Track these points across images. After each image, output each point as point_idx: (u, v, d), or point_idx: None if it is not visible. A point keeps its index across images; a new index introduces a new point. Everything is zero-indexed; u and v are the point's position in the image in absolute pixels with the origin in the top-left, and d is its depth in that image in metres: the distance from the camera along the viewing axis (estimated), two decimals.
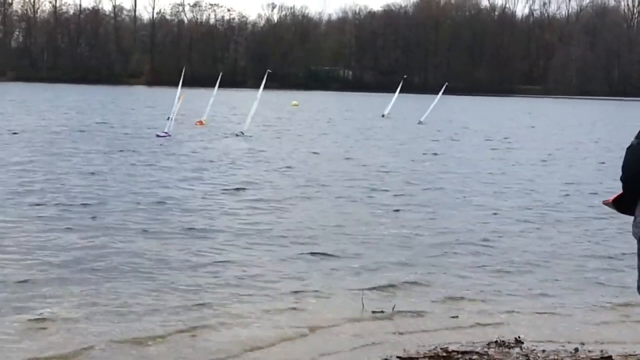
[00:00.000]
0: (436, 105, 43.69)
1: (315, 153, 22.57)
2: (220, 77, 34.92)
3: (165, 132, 26.71)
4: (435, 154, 23.93)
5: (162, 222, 11.06)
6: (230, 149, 23.02)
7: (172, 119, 27.94)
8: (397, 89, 49.01)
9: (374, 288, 7.98)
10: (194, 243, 9.80)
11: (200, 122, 32.30)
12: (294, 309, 7.24)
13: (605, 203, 4.49)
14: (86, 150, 21.26)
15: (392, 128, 36.46)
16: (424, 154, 23.77)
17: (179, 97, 29.26)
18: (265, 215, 11.91)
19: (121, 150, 21.28)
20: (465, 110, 60.06)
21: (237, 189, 14.76)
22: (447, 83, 47.39)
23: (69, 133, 26.78)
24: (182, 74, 31.92)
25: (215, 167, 18.30)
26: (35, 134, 25.52)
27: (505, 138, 31.77)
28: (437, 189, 15.78)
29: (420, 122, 40.32)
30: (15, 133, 25.50)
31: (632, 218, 4.26)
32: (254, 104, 29.73)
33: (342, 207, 13.13)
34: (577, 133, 37.89)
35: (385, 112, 46.10)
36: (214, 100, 33.34)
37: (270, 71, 34.92)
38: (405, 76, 56.81)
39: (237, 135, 27.96)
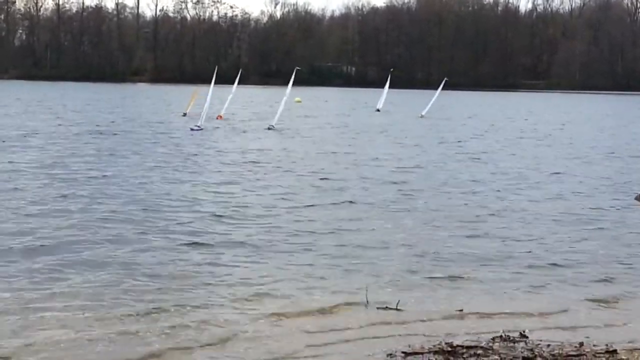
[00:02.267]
0: (439, 100, 43.77)
1: (333, 153, 21.94)
2: (240, 73, 37.21)
3: (198, 126, 28.07)
4: (460, 147, 23.95)
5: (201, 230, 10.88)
6: (266, 147, 22.82)
7: (203, 115, 29.35)
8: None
9: (378, 284, 7.99)
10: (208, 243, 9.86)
11: (220, 117, 33.78)
12: (300, 305, 7.26)
13: (637, 198, 4.52)
14: (131, 150, 20.69)
15: (399, 123, 36.31)
16: (456, 149, 23.64)
17: (210, 94, 30.64)
18: (279, 217, 11.74)
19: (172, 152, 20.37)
20: (469, 105, 59.76)
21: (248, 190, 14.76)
22: (446, 78, 47.29)
23: (104, 133, 26.09)
24: (215, 72, 32.76)
25: (253, 169, 17.61)
26: (75, 135, 24.80)
27: (524, 130, 31.63)
28: (446, 185, 15.76)
29: (422, 116, 40.70)
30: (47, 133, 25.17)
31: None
32: (283, 100, 31.30)
33: (352, 204, 13.02)
34: (587, 128, 37.76)
35: (379, 106, 46.29)
36: (225, 96, 34.63)
37: (299, 68, 36.61)
38: (392, 69, 56.52)
39: (268, 128, 29.09)
